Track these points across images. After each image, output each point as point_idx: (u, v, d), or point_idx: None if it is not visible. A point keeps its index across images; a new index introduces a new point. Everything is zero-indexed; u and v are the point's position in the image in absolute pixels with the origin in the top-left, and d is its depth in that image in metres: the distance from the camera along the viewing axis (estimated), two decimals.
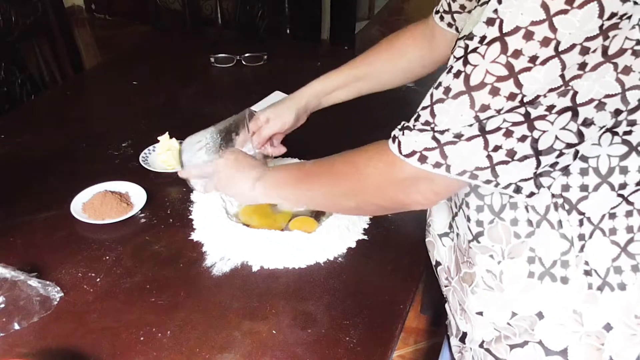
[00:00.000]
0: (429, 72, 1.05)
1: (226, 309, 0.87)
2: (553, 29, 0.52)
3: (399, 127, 0.66)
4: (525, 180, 0.61)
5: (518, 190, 0.62)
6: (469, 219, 0.74)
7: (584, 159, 0.63)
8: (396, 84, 1.07)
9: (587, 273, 0.68)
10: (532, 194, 0.62)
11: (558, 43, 0.53)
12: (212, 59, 1.66)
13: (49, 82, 1.77)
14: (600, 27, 0.52)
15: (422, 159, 0.62)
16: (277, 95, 1.47)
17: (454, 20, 0.95)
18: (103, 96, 1.57)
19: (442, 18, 0.97)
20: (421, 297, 1.92)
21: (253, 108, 1.42)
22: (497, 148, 0.58)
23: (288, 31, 2.23)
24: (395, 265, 0.97)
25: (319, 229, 1.00)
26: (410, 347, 1.84)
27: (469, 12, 0.92)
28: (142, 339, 0.82)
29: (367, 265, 0.96)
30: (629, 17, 0.51)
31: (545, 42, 0.53)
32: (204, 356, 0.80)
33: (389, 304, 0.89)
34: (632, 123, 0.59)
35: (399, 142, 0.64)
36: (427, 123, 0.61)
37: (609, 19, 0.51)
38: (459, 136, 0.59)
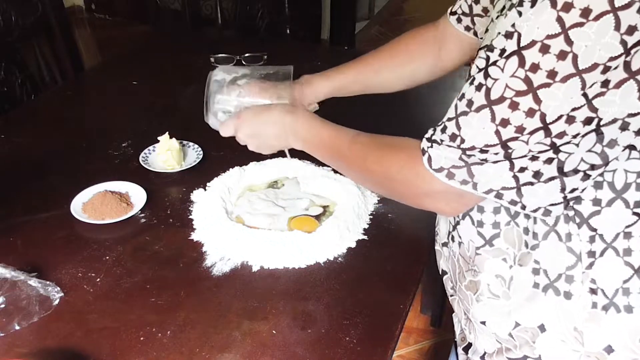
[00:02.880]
0: (436, 78, 1.03)
1: (226, 309, 0.87)
2: (569, 42, 0.52)
3: (427, 137, 0.66)
4: (555, 204, 0.61)
5: (547, 213, 0.62)
6: (481, 224, 0.73)
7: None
8: (397, 89, 1.04)
9: (593, 291, 0.66)
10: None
11: (575, 56, 0.52)
12: (212, 59, 1.65)
13: (49, 82, 1.77)
14: (624, 44, 0.50)
15: (450, 176, 0.63)
16: None
17: (474, 23, 0.92)
18: (103, 96, 1.57)
19: (459, 20, 0.93)
20: (421, 297, 1.92)
21: None
22: (523, 169, 0.59)
23: (288, 31, 2.22)
24: (395, 265, 0.97)
25: (319, 229, 1.00)
26: (410, 347, 1.84)
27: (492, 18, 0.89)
28: (142, 339, 0.82)
29: (367, 265, 0.96)
30: None
31: (561, 55, 0.52)
32: (204, 356, 0.80)
33: (389, 303, 0.89)
34: None
35: (429, 157, 0.65)
36: (453, 137, 0.62)
37: (629, 33, 0.50)
38: (485, 160, 0.60)
